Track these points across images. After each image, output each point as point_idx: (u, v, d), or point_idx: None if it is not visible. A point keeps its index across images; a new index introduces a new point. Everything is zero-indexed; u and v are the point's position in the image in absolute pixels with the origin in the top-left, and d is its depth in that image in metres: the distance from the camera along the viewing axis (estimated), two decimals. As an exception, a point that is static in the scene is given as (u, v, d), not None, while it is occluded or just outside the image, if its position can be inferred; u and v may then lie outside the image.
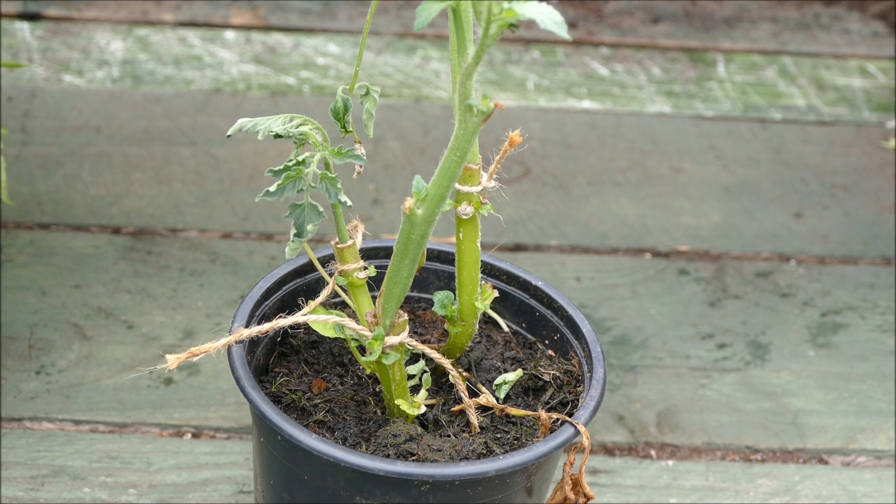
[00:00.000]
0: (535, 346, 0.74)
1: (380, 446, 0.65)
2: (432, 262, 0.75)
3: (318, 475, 0.63)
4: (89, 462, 0.83)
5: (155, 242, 1.01)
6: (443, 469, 0.62)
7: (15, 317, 0.93)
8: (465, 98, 0.58)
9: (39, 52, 1.22)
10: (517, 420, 0.69)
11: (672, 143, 1.19)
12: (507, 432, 0.69)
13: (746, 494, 0.86)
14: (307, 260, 0.72)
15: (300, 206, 0.63)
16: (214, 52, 1.25)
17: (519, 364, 0.73)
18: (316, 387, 0.69)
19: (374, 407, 0.69)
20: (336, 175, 0.63)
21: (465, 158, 0.59)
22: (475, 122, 0.58)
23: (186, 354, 0.62)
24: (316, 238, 1.03)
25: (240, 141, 1.13)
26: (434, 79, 1.24)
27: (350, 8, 1.33)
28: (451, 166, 0.60)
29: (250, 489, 0.82)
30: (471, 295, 0.69)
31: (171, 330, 0.93)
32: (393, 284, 0.64)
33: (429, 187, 0.61)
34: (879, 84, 1.30)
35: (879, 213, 1.12)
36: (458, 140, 0.59)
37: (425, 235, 0.62)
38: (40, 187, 1.05)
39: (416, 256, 0.63)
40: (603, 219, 1.09)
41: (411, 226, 0.62)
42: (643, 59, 1.31)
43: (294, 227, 0.63)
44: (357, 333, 0.65)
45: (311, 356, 0.71)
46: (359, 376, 0.70)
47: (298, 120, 0.63)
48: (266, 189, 0.62)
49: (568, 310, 0.73)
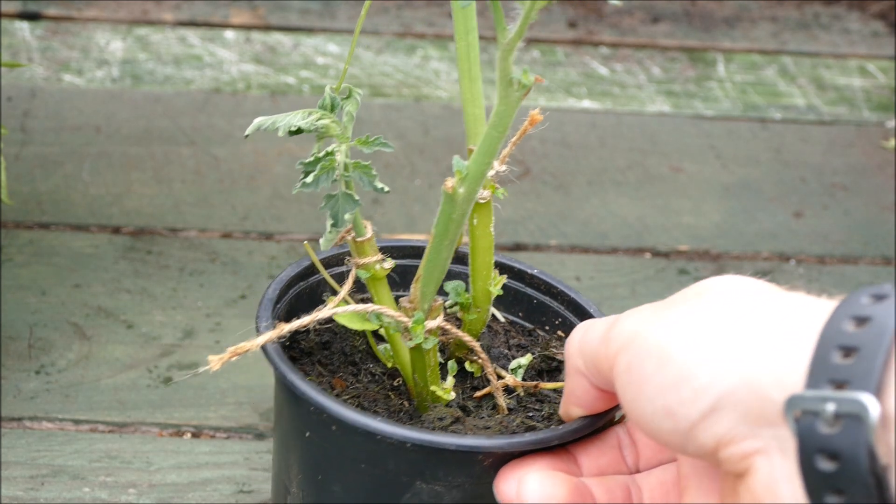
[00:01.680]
0: (534, 332, 0.74)
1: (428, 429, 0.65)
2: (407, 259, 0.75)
3: (379, 461, 0.63)
4: (89, 462, 0.83)
5: (155, 242, 1.01)
6: (510, 439, 0.61)
7: (15, 316, 0.93)
8: (506, 72, 0.58)
9: (39, 52, 1.22)
10: (545, 397, 0.69)
11: (672, 142, 1.19)
12: (538, 410, 0.69)
13: (746, 494, 0.86)
14: (308, 263, 0.71)
15: (335, 196, 0.63)
16: (214, 51, 1.25)
17: (525, 350, 0.73)
18: (337, 385, 0.69)
19: (398, 399, 0.68)
20: (369, 163, 0.63)
21: (506, 134, 0.59)
22: (517, 96, 0.58)
23: (228, 354, 0.62)
24: (315, 238, 1.03)
25: (239, 141, 1.13)
26: (434, 78, 1.24)
27: (350, 8, 1.33)
28: (493, 142, 0.60)
29: (250, 489, 0.82)
30: (485, 281, 0.69)
31: (170, 329, 0.93)
32: (432, 267, 0.64)
33: (469, 165, 0.61)
34: (879, 84, 1.30)
35: (879, 212, 1.12)
36: (499, 115, 0.59)
37: (465, 215, 0.62)
38: (40, 187, 1.05)
39: (456, 237, 0.63)
40: (603, 218, 1.09)
41: (452, 206, 0.62)
42: (643, 59, 1.31)
43: (330, 217, 0.63)
44: (394, 320, 0.65)
45: (324, 357, 0.71)
46: (372, 373, 0.70)
47: (317, 114, 0.63)
48: (302, 181, 0.62)
49: (569, 293, 0.73)
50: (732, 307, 0.54)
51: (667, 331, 0.54)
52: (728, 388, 0.51)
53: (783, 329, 0.52)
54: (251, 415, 0.87)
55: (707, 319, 0.54)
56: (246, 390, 0.89)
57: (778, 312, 0.53)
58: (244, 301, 0.96)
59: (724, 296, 0.55)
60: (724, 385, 0.51)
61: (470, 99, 0.65)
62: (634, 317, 0.57)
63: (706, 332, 0.53)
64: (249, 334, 0.93)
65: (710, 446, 0.52)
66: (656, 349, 0.54)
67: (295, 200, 1.07)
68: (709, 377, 0.52)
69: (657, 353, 0.54)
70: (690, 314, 0.55)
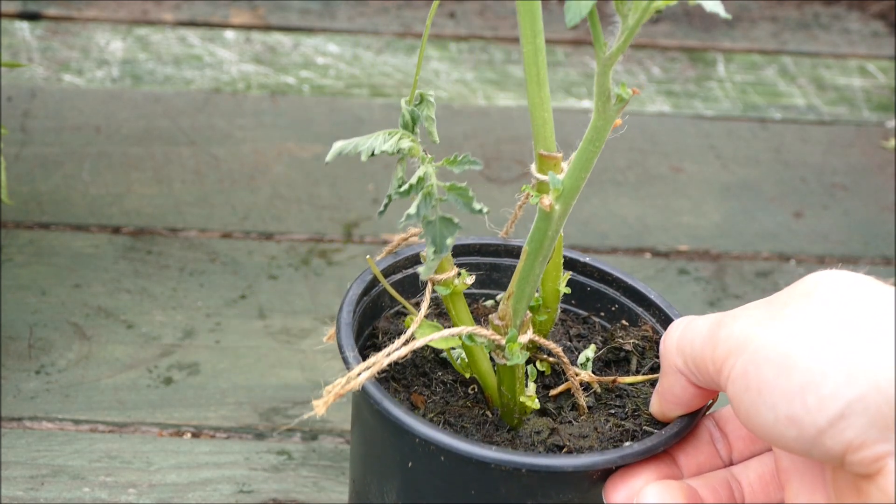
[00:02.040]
0: (589, 319, 0.74)
1: (528, 445, 0.65)
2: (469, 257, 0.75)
3: (490, 487, 0.62)
4: (89, 462, 0.83)
5: (155, 242, 1.01)
6: (623, 453, 0.61)
7: (15, 316, 0.93)
8: (604, 87, 0.57)
9: (39, 52, 1.22)
10: (623, 391, 0.69)
11: (672, 142, 1.19)
12: (621, 407, 0.68)
13: (746, 494, 0.86)
14: (370, 277, 0.70)
15: (432, 221, 0.62)
16: (214, 51, 1.25)
17: (586, 339, 0.73)
18: (417, 401, 0.68)
19: (479, 409, 0.68)
20: (465, 184, 0.62)
21: (601, 148, 0.59)
22: (615, 109, 0.58)
23: (332, 397, 0.61)
24: (315, 238, 1.03)
25: (239, 141, 1.13)
26: (434, 78, 1.24)
27: (350, 8, 1.33)
28: (589, 157, 0.60)
29: (250, 489, 0.82)
30: (554, 281, 0.69)
31: (170, 329, 0.93)
32: (524, 284, 0.63)
33: (564, 180, 0.60)
34: (879, 84, 1.30)
35: (879, 212, 1.12)
36: (596, 130, 0.59)
37: (559, 231, 0.62)
38: (40, 187, 1.05)
39: (549, 253, 0.62)
40: (603, 218, 1.09)
41: (548, 222, 0.61)
42: (643, 59, 1.31)
43: (431, 244, 0.62)
44: (488, 340, 0.64)
45: (397, 372, 0.70)
46: (443, 382, 0.69)
47: (397, 135, 0.62)
48: (406, 213, 0.61)
49: (626, 280, 0.73)
50: (847, 308, 0.54)
51: (786, 336, 0.54)
52: (857, 395, 0.51)
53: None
54: (251, 415, 0.87)
55: (824, 322, 0.53)
56: (246, 390, 0.89)
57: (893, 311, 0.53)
58: (244, 301, 0.96)
59: (835, 295, 0.55)
60: (852, 391, 0.51)
61: (538, 103, 0.64)
62: (744, 319, 0.56)
63: (826, 336, 0.53)
64: (250, 334, 0.93)
65: (837, 452, 0.52)
66: (776, 356, 0.53)
67: (294, 200, 1.07)
68: (835, 384, 0.52)
69: (777, 359, 0.53)
70: (806, 317, 0.54)
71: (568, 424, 0.67)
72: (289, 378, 0.90)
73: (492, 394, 0.68)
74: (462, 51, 1.29)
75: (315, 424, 0.87)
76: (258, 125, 1.15)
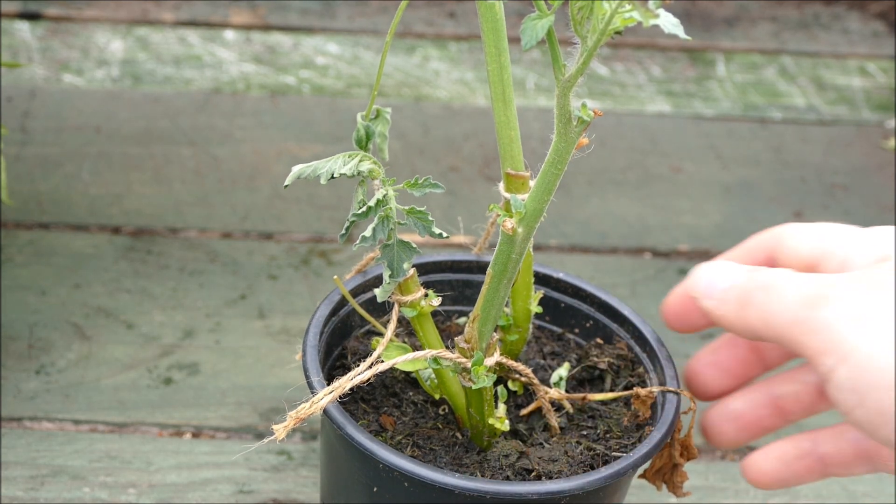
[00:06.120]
0: (563, 336, 0.74)
1: (496, 469, 0.65)
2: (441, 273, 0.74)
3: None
4: (89, 462, 0.83)
5: (155, 242, 1.01)
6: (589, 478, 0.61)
7: (15, 316, 0.93)
8: (565, 109, 0.57)
9: (39, 52, 1.22)
10: (595, 411, 0.69)
11: (672, 142, 1.19)
12: (593, 428, 0.68)
13: (746, 494, 0.86)
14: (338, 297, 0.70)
15: (389, 244, 0.62)
16: (214, 51, 1.25)
17: (560, 357, 0.72)
18: (386, 423, 0.68)
19: (449, 431, 0.68)
20: (424, 208, 0.62)
21: (564, 170, 0.58)
22: (577, 132, 0.57)
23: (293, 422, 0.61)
24: (315, 238, 1.03)
25: (239, 141, 1.13)
26: (434, 78, 1.24)
27: (350, 7, 1.33)
28: (551, 180, 0.59)
29: (250, 489, 0.82)
30: (525, 301, 0.68)
31: (170, 329, 0.93)
32: (489, 307, 0.63)
33: (527, 203, 0.60)
34: (879, 84, 1.30)
35: (879, 213, 1.12)
36: (557, 152, 0.58)
37: (523, 254, 0.61)
38: (40, 187, 1.05)
39: (513, 276, 0.62)
40: (603, 218, 1.09)
41: (511, 246, 0.61)
42: (643, 59, 1.31)
43: (388, 268, 0.62)
44: (454, 363, 0.64)
45: (367, 393, 0.70)
46: (413, 402, 0.69)
47: (356, 157, 0.62)
48: (362, 235, 0.61)
49: (600, 296, 0.73)
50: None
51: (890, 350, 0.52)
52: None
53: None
54: (251, 415, 0.87)
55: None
56: (246, 390, 0.89)
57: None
58: (244, 301, 0.96)
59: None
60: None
61: (505, 122, 0.64)
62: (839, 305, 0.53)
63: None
64: (250, 334, 0.93)
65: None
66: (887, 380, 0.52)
67: (294, 201, 1.07)
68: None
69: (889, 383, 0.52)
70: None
71: (538, 447, 0.67)
72: (289, 378, 0.90)
73: (462, 415, 0.67)
74: (462, 51, 1.29)
75: (315, 424, 0.87)
76: (258, 125, 1.15)
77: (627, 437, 0.67)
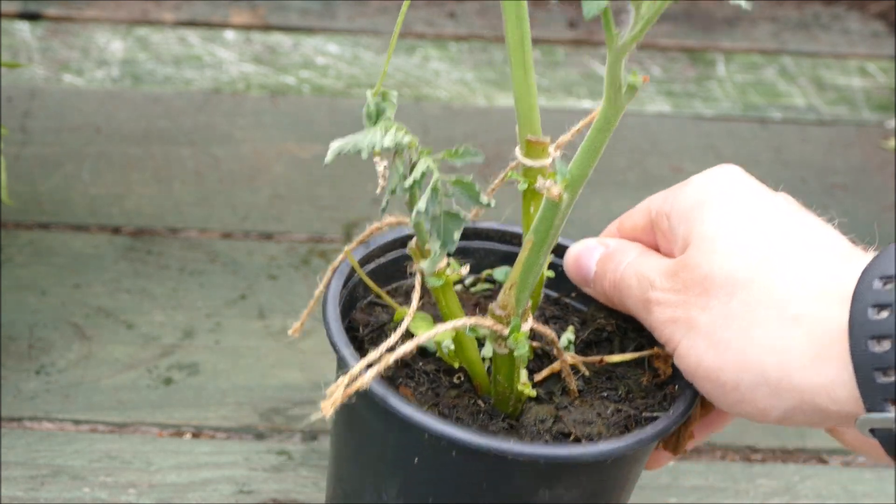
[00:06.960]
0: (560, 301, 0.74)
1: (534, 434, 0.65)
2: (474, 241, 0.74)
3: (504, 478, 0.62)
4: (89, 462, 0.83)
5: (155, 242, 1.01)
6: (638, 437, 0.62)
7: (15, 317, 0.93)
8: (615, 76, 0.57)
9: (39, 52, 1.22)
10: (611, 372, 0.68)
11: (672, 142, 1.19)
12: (613, 389, 0.68)
13: (746, 494, 0.86)
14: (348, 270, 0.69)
15: (437, 216, 0.61)
16: (214, 51, 1.25)
17: (562, 321, 0.72)
18: (406, 395, 0.67)
19: (468, 399, 0.67)
20: (470, 177, 0.61)
21: (609, 136, 0.58)
22: (627, 98, 0.57)
23: (343, 396, 0.59)
24: (315, 238, 1.03)
25: (239, 141, 1.13)
26: (434, 78, 1.24)
27: (350, 7, 1.33)
28: (597, 146, 0.59)
29: (250, 489, 0.82)
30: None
31: (170, 329, 0.93)
32: (528, 274, 0.62)
33: (572, 169, 0.60)
34: (879, 84, 1.30)
35: (879, 212, 1.12)
36: (606, 119, 0.58)
37: (565, 219, 0.61)
38: (40, 187, 1.05)
39: (554, 242, 0.62)
40: (603, 219, 1.08)
41: (555, 211, 0.61)
42: (643, 59, 1.31)
43: (438, 239, 0.61)
44: (491, 331, 0.63)
45: None
46: (426, 372, 0.69)
47: (393, 128, 0.61)
48: (416, 209, 0.60)
49: None
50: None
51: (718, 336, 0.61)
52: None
53: None
54: (251, 415, 0.87)
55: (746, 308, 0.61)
56: (246, 390, 0.89)
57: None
58: (244, 301, 0.96)
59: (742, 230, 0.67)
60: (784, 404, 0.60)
61: (524, 89, 0.64)
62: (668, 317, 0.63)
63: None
64: (250, 334, 0.93)
65: None
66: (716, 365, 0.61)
67: (294, 201, 1.07)
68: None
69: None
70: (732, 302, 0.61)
71: (566, 411, 0.67)
72: (289, 378, 0.90)
73: (481, 382, 0.67)
74: (462, 51, 1.29)
75: (315, 425, 0.87)
76: (258, 125, 1.15)
77: (651, 396, 0.67)
